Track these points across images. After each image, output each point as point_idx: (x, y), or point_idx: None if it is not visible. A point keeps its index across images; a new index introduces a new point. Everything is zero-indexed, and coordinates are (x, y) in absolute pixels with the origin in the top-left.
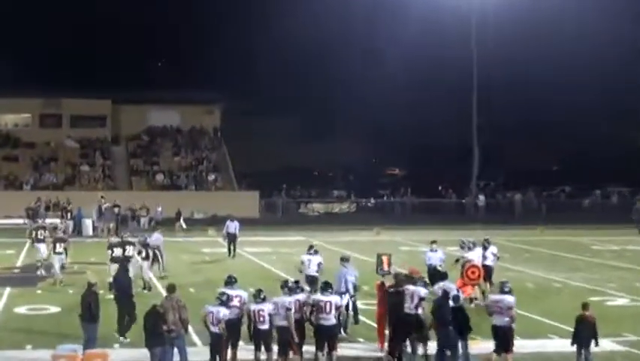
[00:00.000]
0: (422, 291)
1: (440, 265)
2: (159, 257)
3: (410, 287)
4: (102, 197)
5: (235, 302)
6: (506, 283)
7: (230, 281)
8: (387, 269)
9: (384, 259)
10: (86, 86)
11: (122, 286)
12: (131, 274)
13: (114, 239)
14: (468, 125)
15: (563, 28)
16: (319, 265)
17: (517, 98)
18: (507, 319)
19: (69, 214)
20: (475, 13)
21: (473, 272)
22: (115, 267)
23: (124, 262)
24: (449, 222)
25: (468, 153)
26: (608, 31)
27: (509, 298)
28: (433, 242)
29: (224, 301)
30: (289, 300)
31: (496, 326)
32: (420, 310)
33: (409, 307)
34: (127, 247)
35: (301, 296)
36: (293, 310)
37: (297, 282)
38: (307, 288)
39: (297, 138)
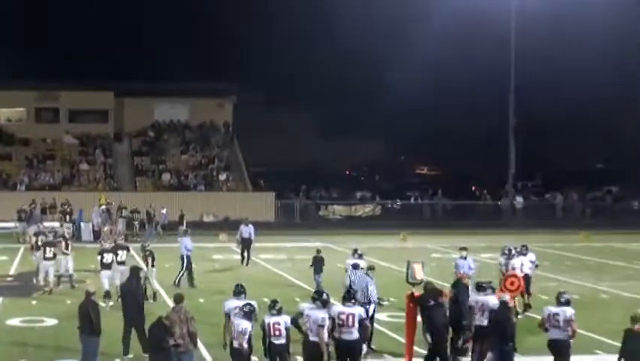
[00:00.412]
0: (491, 301)
1: (468, 275)
2: (191, 265)
3: (479, 298)
4: (107, 201)
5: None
6: (564, 294)
7: (238, 291)
8: (419, 278)
9: (416, 267)
10: (86, 77)
11: (130, 295)
12: (118, 282)
13: (107, 244)
14: (504, 122)
15: (607, 23)
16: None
17: (556, 94)
18: (566, 333)
19: (68, 217)
20: (514, 11)
21: (512, 283)
22: (107, 274)
23: (136, 268)
24: (484, 226)
25: (504, 151)
26: None
27: (568, 310)
28: (463, 249)
29: (247, 313)
30: (322, 316)
31: (554, 340)
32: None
33: (479, 319)
34: (119, 252)
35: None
36: (326, 327)
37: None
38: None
39: (316, 134)
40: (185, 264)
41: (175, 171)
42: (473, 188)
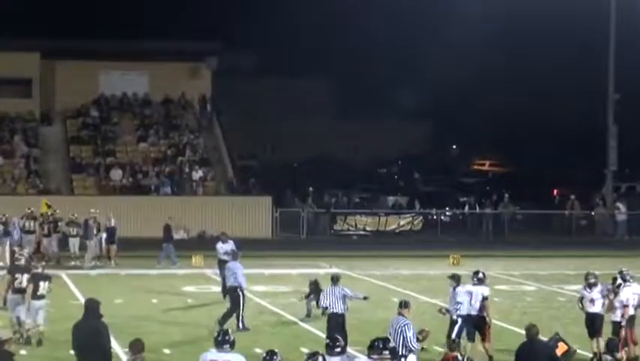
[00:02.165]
0: None
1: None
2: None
3: None
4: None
5: None
6: None
7: (222, 340)
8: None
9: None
10: (1, 31)
11: (87, 341)
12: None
13: (19, 262)
14: (599, 102)
15: None
16: (484, 300)
17: None
18: None
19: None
20: None
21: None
22: (15, 298)
23: (90, 302)
24: (570, 245)
25: (600, 141)
26: None
27: None
28: (453, 277)
29: None
30: None
31: None
32: None
33: None
34: (41, 283)
35: None
36: None
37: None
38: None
39: (331, 113)
40: (241, 300)
41: (129, 167)
42: (555, 192)
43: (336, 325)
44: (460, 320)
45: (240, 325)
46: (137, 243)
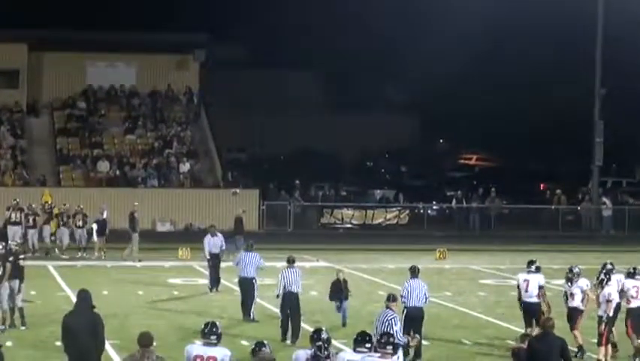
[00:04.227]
0: None
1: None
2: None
3: None
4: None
5: None
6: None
7: (208, 332)
8: None
9: None
10: None
11: (83, 331)
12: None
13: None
14: (586, 96)
15: None
16: (540, 289)
17: None
18: None
19: None
20: None
21: None
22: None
23: (84, 293)
24: (556, 240)
25: (587, 135)
26: None
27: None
28: (413, 270)
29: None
30: None
31: None
32: None
33: None
34: (7, 264)
35: None
36: None
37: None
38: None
39: (320, 106)
40: (255, 290)
41: (116, 159)
42: (541, 186)
43: (290, 303)
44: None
45: (251, 315)
46: (124, 235)
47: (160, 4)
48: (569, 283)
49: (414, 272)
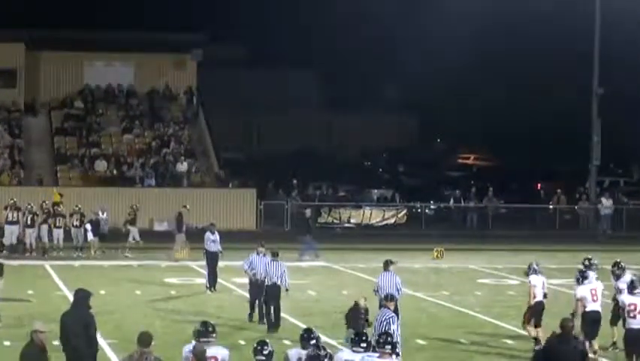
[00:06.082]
0: None
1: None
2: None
3: None
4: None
5: None
6: None
7: (204, 331)
8: None
9: None
10: None
11: (78, 331)
12: None
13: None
14: (584, 96)
15: None
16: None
17: None
18: None
19: None
20: None
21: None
22: None
23: (81, 292)
24: (553, 239)
25: (585, 134)
26: None
27: None
28: (387, 263)
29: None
30: None
31: None
32: None
33: None
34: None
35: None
36: None
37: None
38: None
39: (315, 106)
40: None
41: (113, 158)
42: (539, 186)
43: (272, 294)
44: None
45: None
46: (121, 234)
47: (158, 4)
48: (616, 279)
49: (386, 265)
